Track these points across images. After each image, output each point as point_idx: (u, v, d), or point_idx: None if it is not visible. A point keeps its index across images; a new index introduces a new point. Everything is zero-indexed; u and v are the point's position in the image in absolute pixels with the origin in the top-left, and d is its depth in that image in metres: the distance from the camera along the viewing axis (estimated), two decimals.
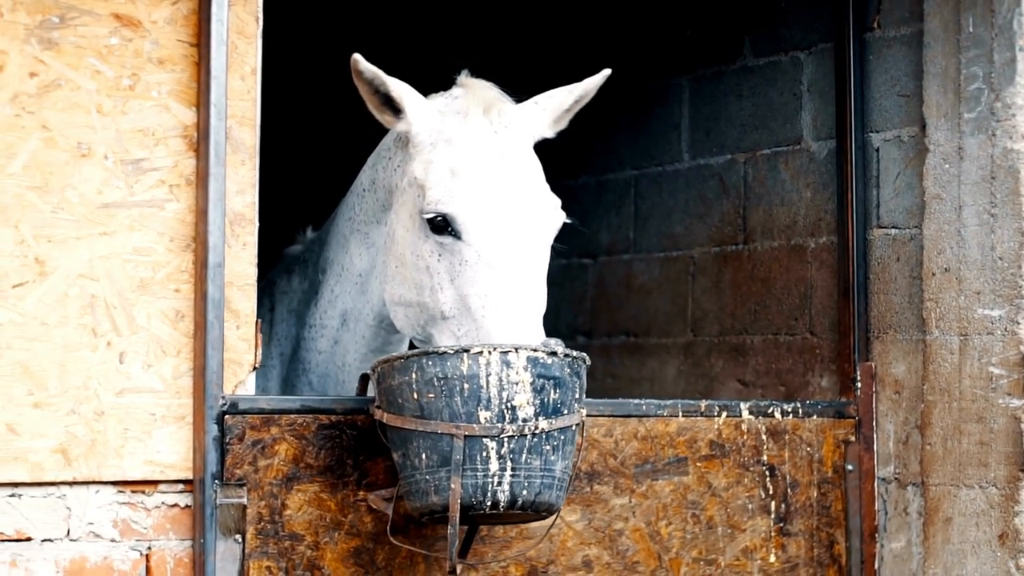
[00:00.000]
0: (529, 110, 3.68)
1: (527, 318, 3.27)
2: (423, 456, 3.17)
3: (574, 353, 3.22)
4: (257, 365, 3.46)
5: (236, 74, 3.43)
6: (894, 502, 4.31)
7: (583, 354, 3.27)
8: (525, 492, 3.14)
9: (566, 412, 3.20)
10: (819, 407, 4.28)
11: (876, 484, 4.33)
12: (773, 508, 4.14)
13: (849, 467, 4.28)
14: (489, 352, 3.12)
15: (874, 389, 4.37)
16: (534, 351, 3.15)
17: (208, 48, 3.36)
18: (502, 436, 3.11)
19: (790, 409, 4.18)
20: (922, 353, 4.22)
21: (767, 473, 4.13)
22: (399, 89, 3.52)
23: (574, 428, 3.25)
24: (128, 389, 3.31)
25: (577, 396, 3.24)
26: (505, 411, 3.12)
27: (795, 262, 4.83)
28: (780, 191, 4.92)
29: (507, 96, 3.67)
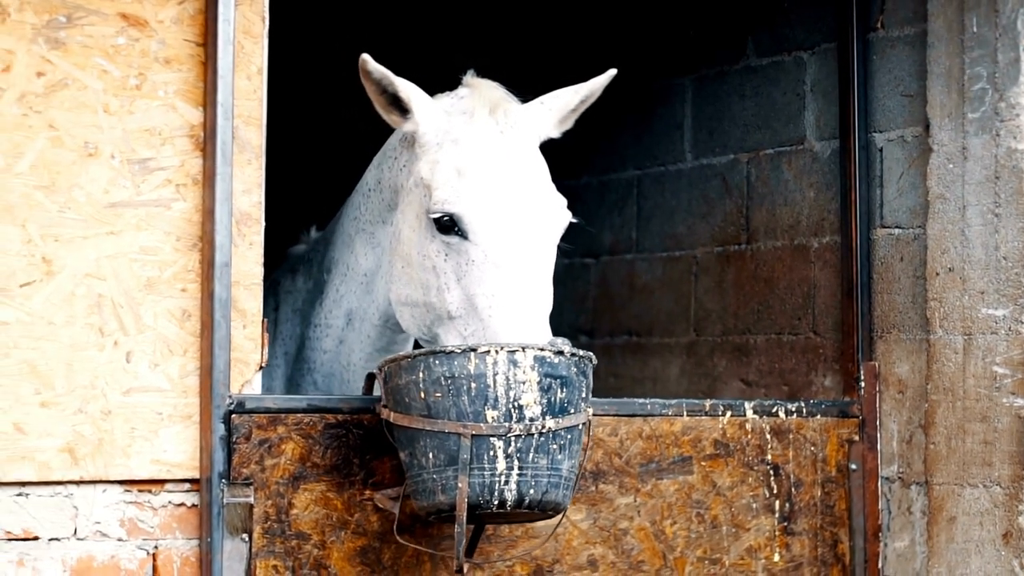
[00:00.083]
0: (535, 110, 3.69)
1: (534, 317, 3.27)
2: (430, 455, 3.17)
3: (581, 352, 3.22)
4: (264, 364, 3.46)
5: (242, 74, 3.44)
6: (898, 501, 4.32)
7: (589, 353, 3.27)
8: (532, 491, 3.15)
9: (573, 411, 3.20)
10: (823, 406, 4.28)
11: (880, 483, 4.33)
12: (777, 507, 4.14)
13: (853, 466, 4.28)
14: (496, 351, 3.13)
15: (878, 389, 4.37)
16: (541, 350, 3.15)
17: (215, 48, 3.36)
18: (509, 435, 3.11)
19: (794, 408, 4.18)
20: (926, 353, 4.22)
21: (771, 472, 4.13)
22: (407, 89, 3.52)
23: (581, 427, 3.25)
24: (135, 388, 3.32)
25: (584, 395, 3.25)
26: (512, 410, 3.12)
27: (798, 262, 4.83)
28: (783, 191, 4.92)
29: (513, 96, 3.68)
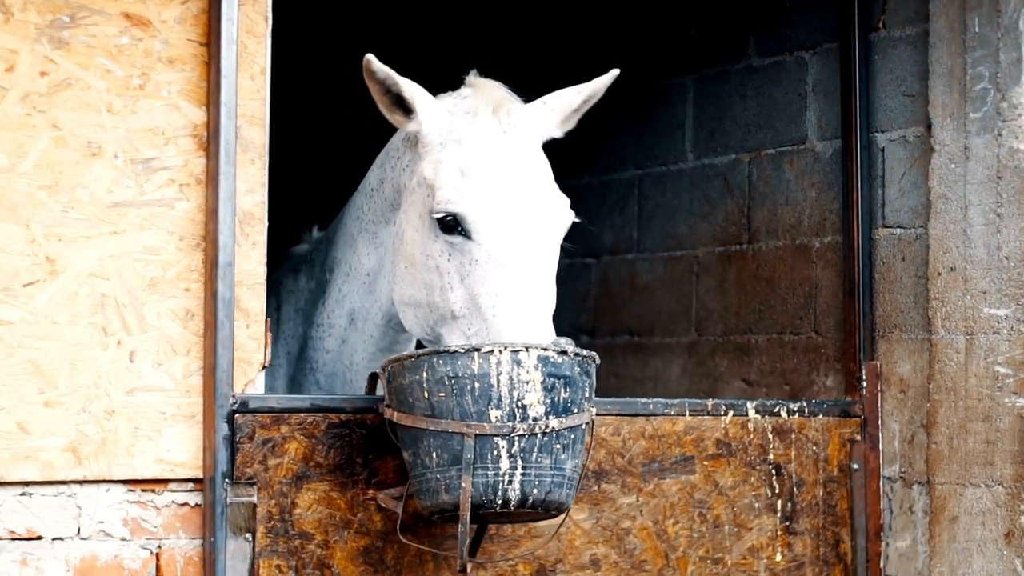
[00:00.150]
0: (538, 110, 3.68)
1: (537, 317, 3.27)
2: (434, 455, 3.17)
3: (584, 352, 3.22)
4: (267, 364, 3.46)
5: (246, 73, 3.44)
6: (899, 501, 4.32)
7: (593, 353, 3.27)
8: (536, 491, 3.14)
9: (576, 411, 3.20)
10: (825, 406, 4.28)
11: (881, 483, 4.34)
12: (779, 507, 4.14)
13: (855, 466, 4.29)
14: (500, 351, 3.12)
15: (879, 388, 4.37)
16: (545, 350, 3.15)
17: (218, 47, 3.36)
18: (513, 435, 3.11)
19: (796, 408, 4.19)
20: (928, 352, 4.23)
21: (773, 472, 4.13)
22: (411, 89, 3.52)
23: (584, 427, 3.25)
24: (138, 388, 3.32)
25: (587, 395, 3.25)
26: (516, 410, 3.12)
27: (800, 262, 4.84)
28: (785, 191, 4.93)
29: (515, 96, 3.68)
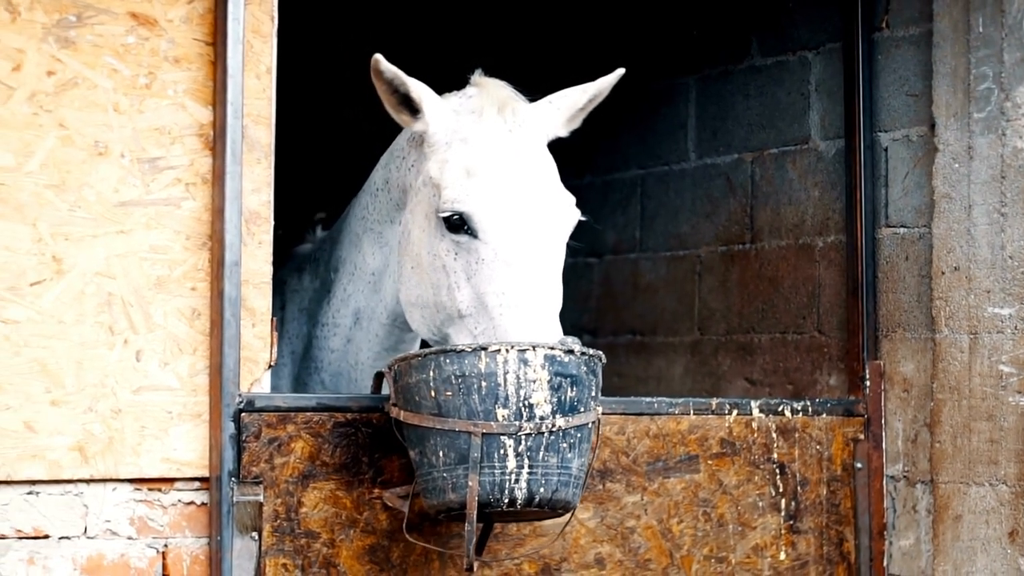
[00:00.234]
0: (543, 109, 3.69)
1: (544, 315, 3.27)
2: (440, 454, 3.17)
3: (591, 351, 3.23)
4: (273, 363, 3.46)
5: (252, 73, 3.44)
6: (903, 500, 4.33)
7: (599, 352, 3.27)
8: (542, 490, 3.15)
9: (583, 410, 3.20)
10: (828, 405, 4.29)
11: (885, 482, 4.34)
12: (783, 506, 4.15)
13: (858, 465, 4.29)
14: (507, 350, 3.13)
15: (883, 387, 4.38)
16: (551, 349, 3.15)
17: (224, 47, 3.37)
18: (519, 434, 3.12)
19: (800, 407, 4.19)
20: (931, 351, 4.23)
21: (777, 471, 4.14)
22: (418, 89, 3.52)
23: (590, 426, 3.25)
24: (145, 387, 3.32)
25: (593, 394, 3.25)
26: (523, 409, 3.12)
27: (803, 261, 4.84)
28: (788, 190, 4.93)
29: (520, 95, 3.68)
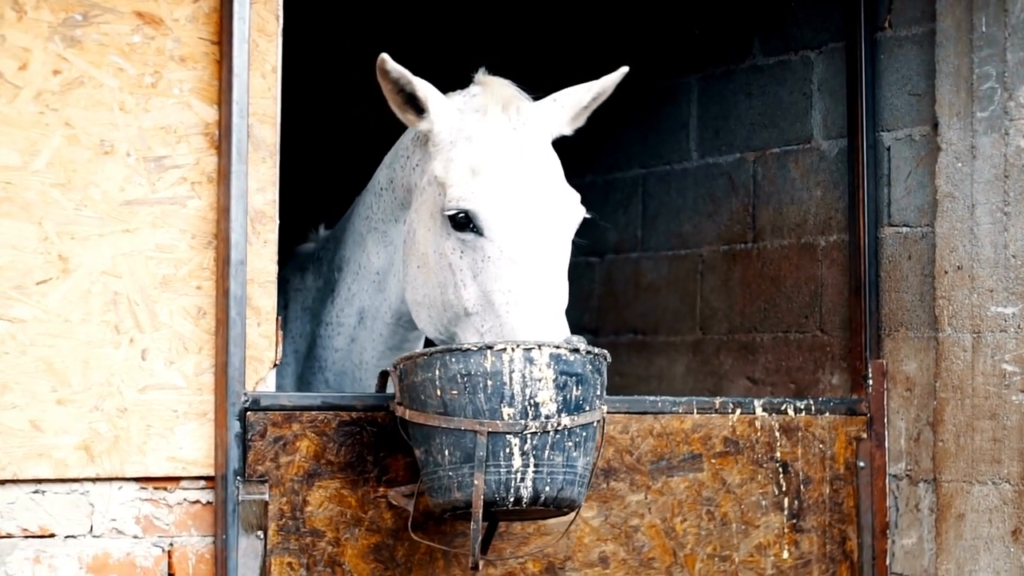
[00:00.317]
0: (547, 107, 3.69)
1: (551, 313, 3.27)
2: (446, 453, 3.18)
3: (596, 350, 3.23)
4: (278, 362, 3.46)
5: (257, 72, 3.44)
6: (905, 498, 4.34)
7: (604, 351, 3.27)
8: (548, 488, 3.15)
9: (588, 409, 3.21)
10: (831, 404, 4.30)
11: (887, 481, 4.35)
12: (786, 504, 4.15)
13: (861, 464, 4.30)
14: (512, 349, 3.13)
15: (885, 386, 4.39)
16: (557, 348, 3.15)
17: (230, 46, 3.37)
18: (525, 433, 3.12)
19: (803, 406, 4.20)
20: (934, 350, 4.24)
21: (780, 470, 4.14)
22: (424, 89, 3.52)
23: (595, 425, 3.26)
24: (150, 386, 3.32)
25: (598, 393, 3.25)
26: (528, 408, 3.13)
27: (805, 260, 4.85)
28: (790, 189, 4.94)
29: (524, 93, 3.68)
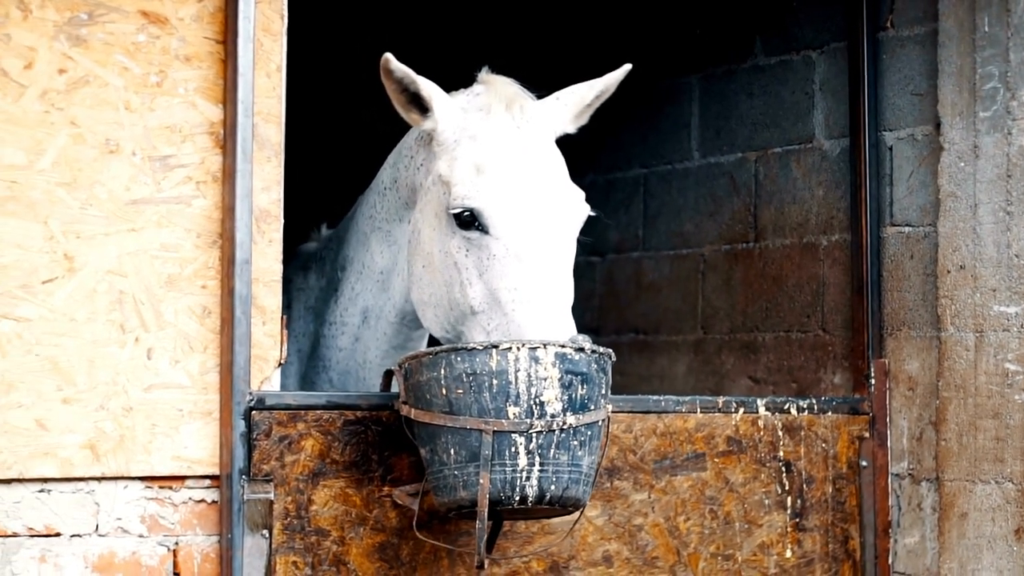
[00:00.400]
0: (550, 105, 3.70)
1: (557, 310, 3.28)
2: (451, 452, 3.18)
3: (601, 349, 3.23)
4: (283, 361, 3.47)
5: (262, 71, 3.44)
6: (908, 498, 4.34)
7: (609, 350, 3.28)
8: (553, 487, 3.15)
9: (593, 408, 3.21)
10: (834, 403, 4.30)
11: (890, 480, 4.36)
12: (789, 504, 4.16)
13: (863, 463, 4.30)
14: (518, 348, 3.13)
15: (888, 386, 4.39)
16: (562, 347, 3.16)
17: (235, 45, 3.37)
18: (531, 431, 3.12)
19: (805, 405, 4.20)
20: (936, 350, 4.25)
21: (783, 469, 4.15)
22: (428, 88, 3.53)
23: (600, 424, 3.26)
24: (156, 385, 3.32)
25: (603, 392, 3.26)
26: (534, 407, 3.13)
27: (807, 260, 4.85)
28: (792, 189, 4.94)
29: (528, 92, 3.69)
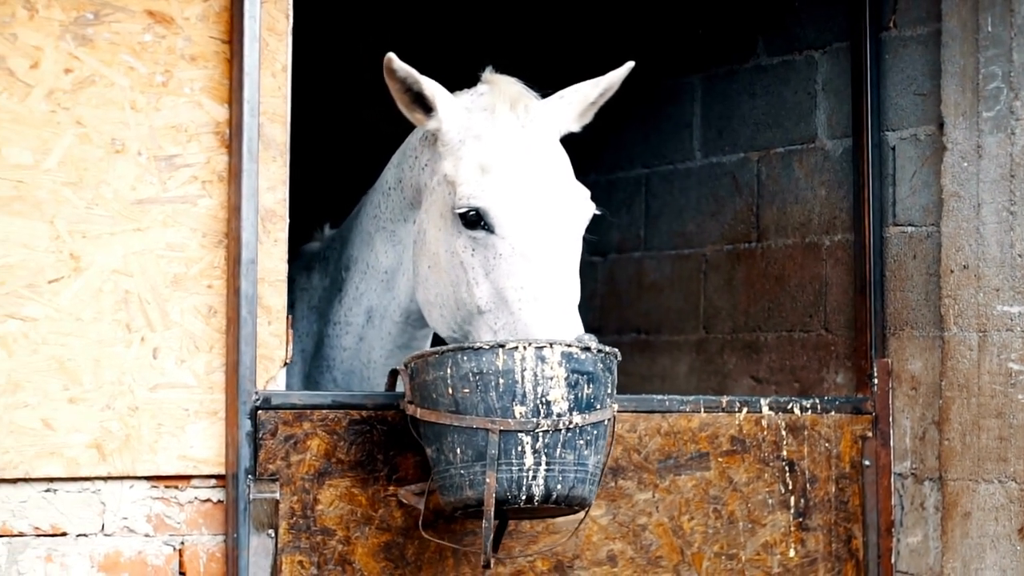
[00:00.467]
0: (554, 104, 3.70)
1: (564, 308, 3.28)
2: (458, 451, 3.18)
3: (607, 348, 3.24)
4: (288, 361, 3.47)
5: (267, 71, 3.45)
6: (910, 497, 4.35)
7: (615, 349, 3.28)
8: (559, 486, 3.16)
9: (599, 407, 3.21)
10: (837, 403, 4.31)
11: (892, 479, 4.36)
12: (792, 503, 4.16)
13: (866, 462, 4.31)
14: (524, 347, 3.14)
15: (890, 385, 4.40)
16: (568, 346, 3.16)
17: (240, 45, 3.37)
18: (537, 431, 3.12)
19: (809, 405, 4.21)
20: (939, 349, 4.25)
21: (787, 468, 4.15)
22: (431, 88, 3.53)
23: (606, 423, 3.26)
24: (161, 384, 3.33)
25: (609, 391, 3.26)
26: (540, 406, 3.13)
27: (809, 260, 4.86)
28: (794, 189, 4.95)
29: (531, 91, 3.69)
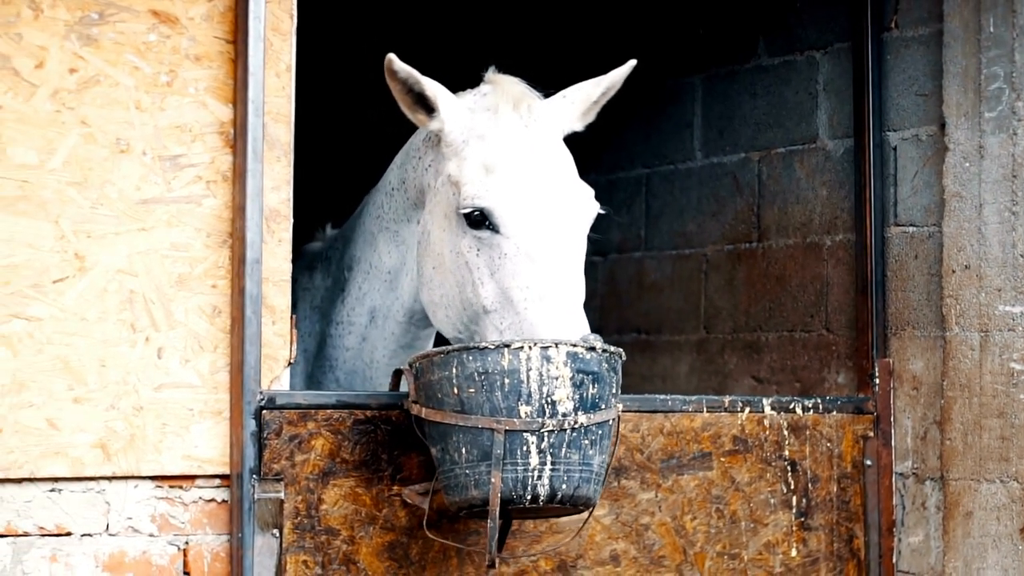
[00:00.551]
0: (557, 104, 3.71)
1: (570, 308, 3.29)
2: (463, 451, 3.18)
3: (612, 348, 3.24)
4: (292, 361, 3.47)
5: (272, 71, 3.45)
6: (912, 497, 4.36)
7: (620, 349, 3.28)
8: (564, 486, 3.16)
9: (604, 407, 3.22)
10: (838, 403, 4.31)
11: (894, 479, 4.37)
12: (794, 503, 4.17)
13: (868, 462, 4.31)
14: (529, 347, 3.14)
15: (892, 385, 4.41)
16: (574, 346, 3.16)
17: (245, 45, 3.37)
18: (542, 430, 3.13)
19: (811, 405, 4.21)
20: (941, 349, 4.26)
21: (789, 468, 4.16)
22: (433, 88, 3.53)
23: (611, 423, 3.27)
24: (166, 384, 3.33)
25: (614, 391, 3.26)
26: (545, 406, 3.14)
27: (810, 260, 4.87)
28: (795, 189, 4.96)
29: (534, 91, 3.70)
